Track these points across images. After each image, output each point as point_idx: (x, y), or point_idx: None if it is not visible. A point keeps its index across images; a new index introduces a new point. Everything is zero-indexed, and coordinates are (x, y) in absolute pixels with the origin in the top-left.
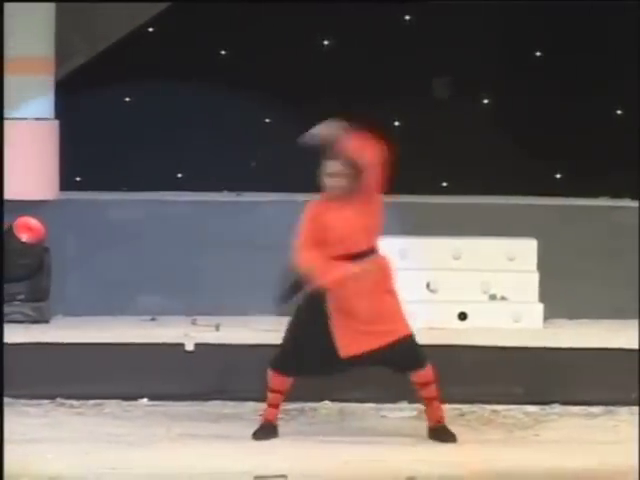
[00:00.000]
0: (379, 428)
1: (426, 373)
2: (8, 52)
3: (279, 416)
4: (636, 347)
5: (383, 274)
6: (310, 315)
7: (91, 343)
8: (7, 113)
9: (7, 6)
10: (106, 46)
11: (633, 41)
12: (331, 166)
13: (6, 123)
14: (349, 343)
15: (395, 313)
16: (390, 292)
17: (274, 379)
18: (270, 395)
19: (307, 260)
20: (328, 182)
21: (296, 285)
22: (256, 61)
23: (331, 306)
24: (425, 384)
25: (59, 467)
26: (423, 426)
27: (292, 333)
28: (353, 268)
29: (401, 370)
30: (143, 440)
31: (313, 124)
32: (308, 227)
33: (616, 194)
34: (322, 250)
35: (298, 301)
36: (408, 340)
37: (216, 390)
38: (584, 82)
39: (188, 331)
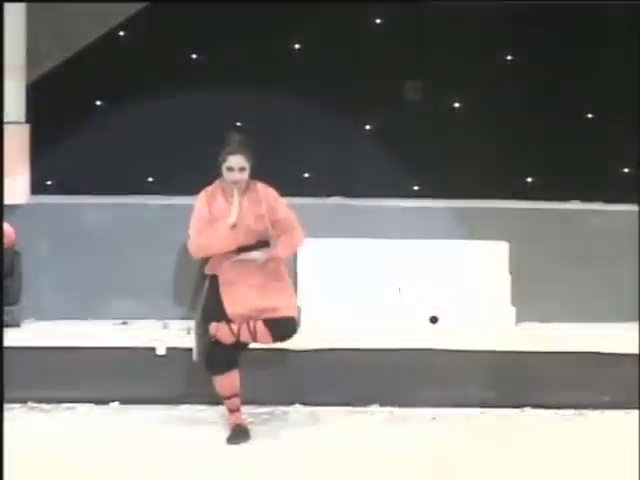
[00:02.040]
0: (350, 431)
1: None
2: None
3: (249, 419)
4: (607, 351)
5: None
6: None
7: (62, 347)
8: None
9: None
10: (77, 50)
11: (604, 45)
12: (233, 160)
13: None
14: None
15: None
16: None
17: (219, 383)
18: (226, 402)
19: (204, 243)
20: (229, 176)
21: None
22: (227, 65)
23: (224, 299)
24: None
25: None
26: (395, 429)
27: (199, 329)
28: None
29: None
30: (114, 444)
31: (284, 127)
32: (202, 214)
33: (587, 197)
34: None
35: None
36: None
37: (187, 394)
38: (555, 86)
39: (159, 335)
